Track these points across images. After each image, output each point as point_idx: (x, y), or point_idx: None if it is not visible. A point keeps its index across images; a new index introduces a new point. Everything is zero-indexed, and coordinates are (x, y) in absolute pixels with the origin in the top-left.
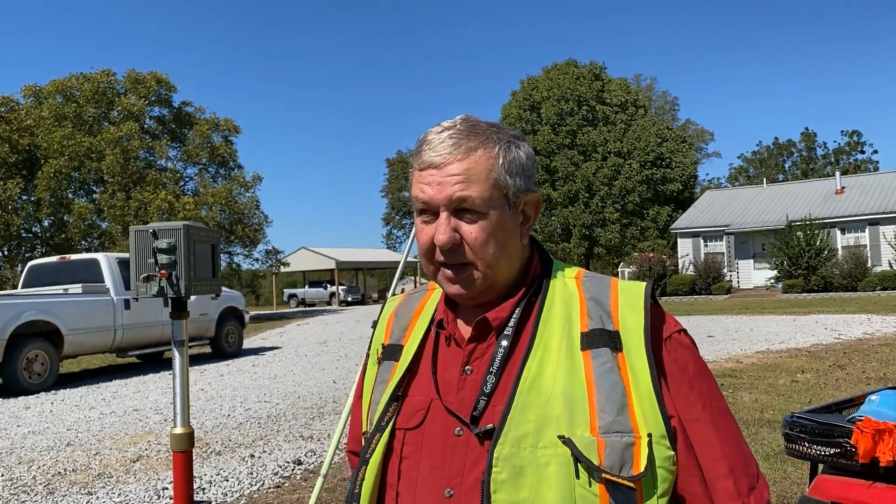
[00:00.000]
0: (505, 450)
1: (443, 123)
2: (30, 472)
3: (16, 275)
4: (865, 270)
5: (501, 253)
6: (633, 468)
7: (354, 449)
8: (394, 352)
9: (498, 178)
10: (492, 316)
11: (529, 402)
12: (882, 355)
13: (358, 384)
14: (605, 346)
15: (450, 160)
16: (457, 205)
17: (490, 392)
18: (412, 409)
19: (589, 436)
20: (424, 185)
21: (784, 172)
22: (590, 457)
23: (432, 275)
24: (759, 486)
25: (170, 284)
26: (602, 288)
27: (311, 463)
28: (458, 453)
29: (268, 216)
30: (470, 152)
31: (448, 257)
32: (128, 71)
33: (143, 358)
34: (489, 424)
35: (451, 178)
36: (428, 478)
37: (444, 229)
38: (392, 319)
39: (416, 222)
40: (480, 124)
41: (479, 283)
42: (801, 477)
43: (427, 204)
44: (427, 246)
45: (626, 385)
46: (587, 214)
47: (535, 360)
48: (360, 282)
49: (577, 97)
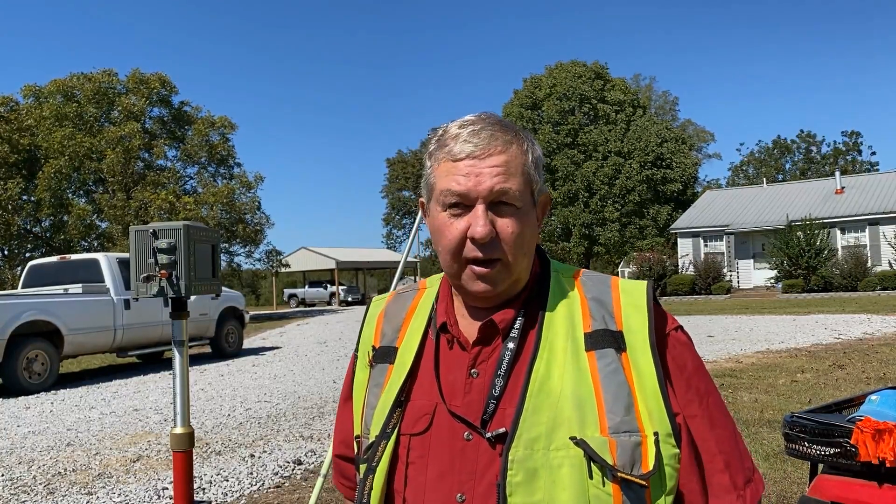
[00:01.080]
0: (519, 452)
1: (466, 118)
2: (30, 472)
3: (16, 275)
4: (865, 270)
5: (527, 250)
6: (643, 467)
7: (344, 453)
8: (387, 354)
9: (529, 173)
10: (498, 318)
11: (540, 405)
12: (882, 355)
13: (345, 387)
14: (610, 346)
15: (490, 151)
16: (496, 197)
17: (499, 395)
18: (416, 413)
19: (600, 436)
20: (460, 177)
21: (784, 172)
22: (604, 456)
23: (456, 273)
24: (754, 480)
25: (170, 284)
26: (603, 288)
27: (311, 463)
28: (469, 458)
29: (269, 217)
30: (507, 145)
31: (484, 251)
32: (132, 71)
33: (143, 358)
34: (501, 428)
35: (492, 170)
36: (437, 483)
37: (483, 221)
38: (381, 320)
39: (438, 218)
40: (505, 120)
41: (506, 279)
42: (801, 477)
43: (463, 196)
44: (457, 241)
45: (631, 385)
46: (587, 214)
47: (542, 363)
48: (360, 282)
49: (579, 96)
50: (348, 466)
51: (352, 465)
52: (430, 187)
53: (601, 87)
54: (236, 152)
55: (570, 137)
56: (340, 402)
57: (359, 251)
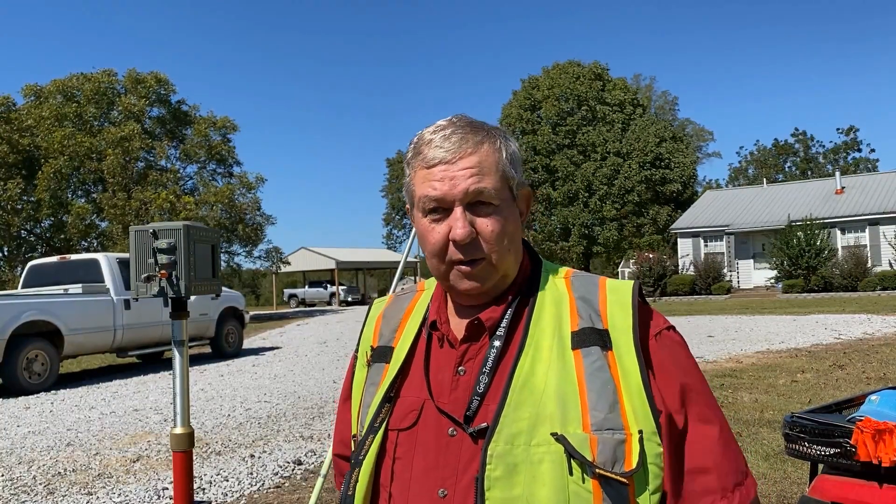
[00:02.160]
0: (499, 447)
1: (438, 123)
2: (30, 472)
3: (16, 275)
4: (865, 270)
5: (511, 245)
6: (626, 464)
7: (342, 452)
8: (384, 354)
9: (504, 170)
10: (485, 316)
11: (522, 401)
12: (882, 355)
13: (344, 386)
14: (595, 344)
15: (461, 154)
16: (472, 198)
17: (483, 392)
18: (405, 409)
19: (581, 433)
20: (435, 182)
21: (784, 172)
22: (583, 453)
23: (443, 275)
24: (746, 484)
25: (170, 284)
26: (591, 287)
27: (311, 463)
28: (452, 453)
29: (271, 216)
30: (478, 146)
31: (465, 252)
32: (128, 71)
33: (143, 358)
34: (483, 423)
35: (465, 172)
36: (421, 478)
37: (462, 223)
38: (380, 321)
39: (421, 224)
40: (475, 121)
41: (492, 276)
42: (801, 477)
43: (440, 201)
44: (440, 245)
45: (617, 383)
46: (586, 214)
47: (527, 360)
48: (360, 282)
49: (577, 97)
50: (348, 465)
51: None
52: (411, 195)
53: (600, 88)
54: (237, 153)
55: (568, 138)
56: (340, 401)
57: (359, 251)
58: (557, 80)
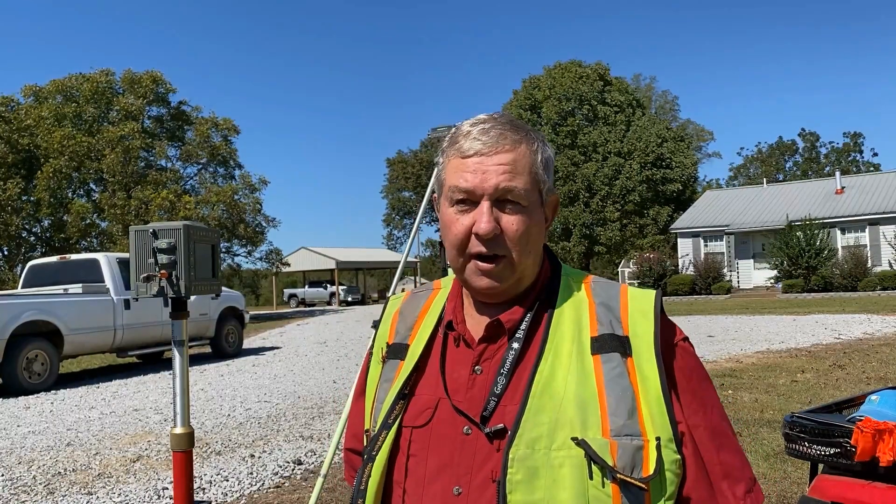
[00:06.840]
0: (520, 451)
1: (478, 116)
2: (30, 472)
3: (15, 275)
4: (865, 270)
5: (532, 248)
6: (643, 470)
7: (354, 447)
8: (399, 351)
9: (537, 173)
10: (505, 318)
11: (543, 405)
12: (882, 355)
13: (359, 382)
14: (615, 350)
15: (498, 150)
16: (501, 195)
17: (500, 393)
18: (420, 407)
19: (602, 438)
20: (467, 174)
21: (784, 172)
22: (604, 458)
23: (461, 268)
24: (755, 490)
25: (170, 284)
26: (612, 294)
27: (311, 463)
28: (467, 452)
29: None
30: (516, 144)
31: (488, 247)
32: (124, 71)
33: (143, 358)
34: (499, 424)
35: (498, 168)
36: (436, 475)
37: (487, 218)
38: (396, 318)
39: (446, 213)
40: (517, 120)
41: (510, 276)
42: (801, 477)
43: (469, 193)
44: (462, 236)
45: (636, 389)
46: (587, 214)
47: (546, 364)
48: (360, 282)
49: (579, 97)
50: (359, 460)
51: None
52: (441, 183)
53: (602, 89)
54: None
55: (569, 139)
56: (354, 396)
57: (359, 251)
58: (559, 80)
